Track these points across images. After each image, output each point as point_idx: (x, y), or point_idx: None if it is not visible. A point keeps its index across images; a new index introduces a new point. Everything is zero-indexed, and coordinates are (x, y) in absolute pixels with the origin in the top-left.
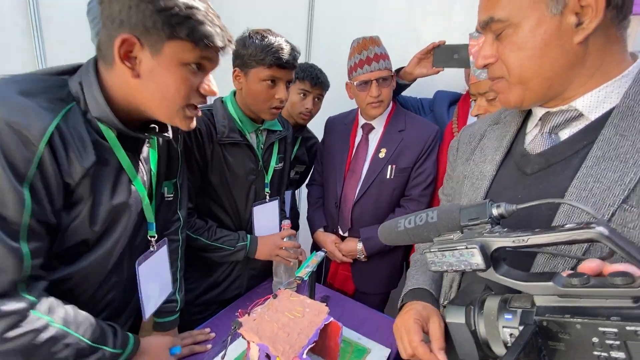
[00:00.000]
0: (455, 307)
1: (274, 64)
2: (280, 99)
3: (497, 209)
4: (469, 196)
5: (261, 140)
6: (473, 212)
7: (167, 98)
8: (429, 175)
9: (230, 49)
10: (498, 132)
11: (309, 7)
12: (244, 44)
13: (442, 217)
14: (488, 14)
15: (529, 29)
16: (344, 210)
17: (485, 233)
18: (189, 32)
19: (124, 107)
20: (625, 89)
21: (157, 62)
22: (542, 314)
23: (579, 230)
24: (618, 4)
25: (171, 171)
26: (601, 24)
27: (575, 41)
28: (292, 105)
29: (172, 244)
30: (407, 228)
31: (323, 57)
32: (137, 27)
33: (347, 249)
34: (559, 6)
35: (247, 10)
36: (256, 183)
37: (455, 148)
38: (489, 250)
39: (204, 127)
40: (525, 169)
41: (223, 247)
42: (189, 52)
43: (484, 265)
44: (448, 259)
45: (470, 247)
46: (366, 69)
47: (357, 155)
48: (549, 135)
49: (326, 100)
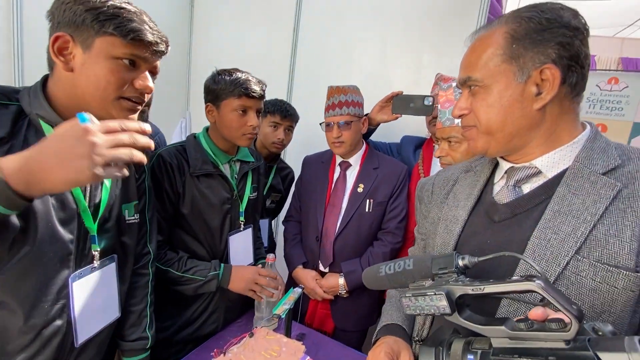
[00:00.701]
0: (427, 348)
1: (244, 94)
2: (252, 125)
3: (462, 260)
4: (443, 237)
5: (235, 170)
6: (442, 262)
7: (99, 89)
8: (402, 210)
9: (164, 49)
10: (470, 179)
11: (291, 52)
12: (214, 80)
13: (417, 265)
14: (466, 74)
15: (498, 91)
16: (325, 244)
17: (451, 281)
18: (116, 27)
19: (69, 107)
20: (576, 153)
21: (88, 56)
22: (497, 354)
23: (521, 283)
24: (572, 82)
25: (129, 194)
26: (557, 97)
27: (535, 107)
28: (265, 136)
29: (142, 278)
30: (387, 274)
31: (303, 99)
32: (69, 25)
33: (329, 284)
34: (523, 76)
35: (233, 54)
36: (231, 212)
37: (430, 191)
38: (454, 297)
39: (175, 161)
40: (494, 217)
41: (194, 278)
42: (119, 47)
43: (449, 310)
44: (420, 303)
45: (438, 294)
46: (330, 113)
47: (336, 190)
48: (513, 188)
49: (305, 137)
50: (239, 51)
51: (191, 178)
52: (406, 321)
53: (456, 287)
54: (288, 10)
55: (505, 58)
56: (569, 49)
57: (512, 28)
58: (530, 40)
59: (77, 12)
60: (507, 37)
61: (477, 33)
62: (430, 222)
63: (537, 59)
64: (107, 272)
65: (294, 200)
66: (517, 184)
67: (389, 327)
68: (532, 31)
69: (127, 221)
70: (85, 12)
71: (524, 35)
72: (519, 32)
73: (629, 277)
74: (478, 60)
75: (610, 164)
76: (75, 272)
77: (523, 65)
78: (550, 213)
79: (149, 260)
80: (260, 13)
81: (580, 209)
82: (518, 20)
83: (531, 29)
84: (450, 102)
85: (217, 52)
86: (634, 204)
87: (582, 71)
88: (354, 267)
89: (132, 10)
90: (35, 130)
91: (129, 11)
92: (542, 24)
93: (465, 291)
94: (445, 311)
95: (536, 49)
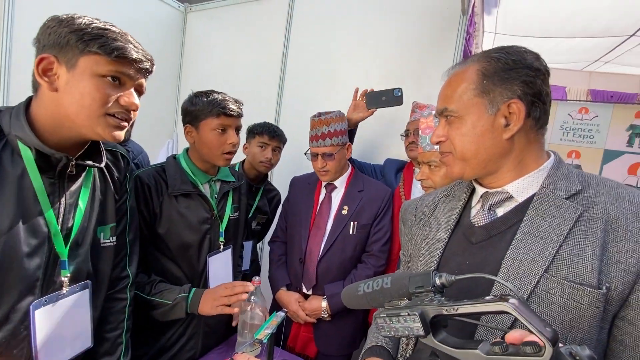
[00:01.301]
0: None
1: (222, 113)
2: (232, 143)
3: (439, 279)
4: (425, 259)
5: (215, 190)
6: (419, 281)
7: (84, 106)
8: (386, 232)
9: (149, 67)
10: (449, 203)
11: (280, 77)
12: (192, 102)
13: (395, 283)
14: (443, 105)
15: (471, 122)
16: (309, 266)
17: (426, 300)
18: (100, 46)
19: (52, 127)
20: (542, 179)
21: (72, 75)
22: None
23: (494, 303)
24: (536, 116)
25: (106, 216)
26: (523, 128)
27: (504, 137)
28: (253, 156)
29: (118, 303)
30: (365, 292)
31: (291, 122)
32: (54, 46)
33: (311, 307)
34: (493, 109)
35: (223, 78)
36: (211, 232)
37: (414, 214)
38: (428, 317)
39: (152, 182)
40: (471, 239)
41: (161, 302)
42: (103, 65)
43: (423, 331)
44: (394, 324)
45: (411, 314)
46: (314, 144)
47: (321, 212)
48: (488, 211)
49: (292, 159)
50: (228, 75)
51: (169, 198)
52: (390, 343)
53: (430, 307)
54: (277, 37)
55: (477, 92)
56: (532, 87)
57: (483, 66)
58: (499, 77)
59: (62, 33)
60: (479, 74)
61: (453, 69)
62: (414, 244)
63: (505, 94)
64: (79, 299)
65: (280, 221)
66: (491, 207)
67: (373, 349)
68: (500, 70)
69: (102, 244)
70: (69, 34)
71: (493, 73)
72: (489, 70)
73: (593, 293)
74: (454, 93)
75: (572, 189)
76: (40, 300)
77: (493, 99)
78: (521, 235)
79: (127, 284)
80: (250, 39)
81: (547, 231)
82: (488, 59)
83: (499, 68)
84: (430, 128)
85: (206, 76)
86: (593, 225)
87: (544, 107)
88: (337, 289)
89: (117, 30)
90: (11, 150)
91: (113, 31)
92: (508, 64)
93: (439, 311)
94: (418, 333)
95: (504, 86)
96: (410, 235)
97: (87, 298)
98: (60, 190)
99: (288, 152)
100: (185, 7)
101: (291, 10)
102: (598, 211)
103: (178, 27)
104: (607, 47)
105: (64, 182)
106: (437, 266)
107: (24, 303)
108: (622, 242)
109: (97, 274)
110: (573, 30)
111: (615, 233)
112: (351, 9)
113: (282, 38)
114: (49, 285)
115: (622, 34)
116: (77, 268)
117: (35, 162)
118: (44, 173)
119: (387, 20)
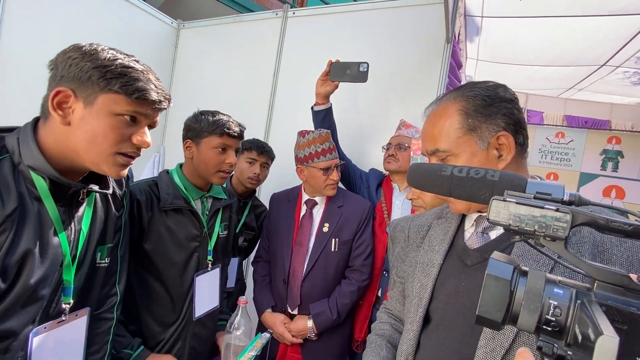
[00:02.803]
0: (503, 264)
1: (225, 134)
2: (230, 163)
3: (569, 196)
4: (421, 280)
5: (206, 206)
6: (546, 187)
7: (94, 143)
8: (367, 246)
9: (166, 106)
10: (442, 225)
11: (270, 97)
12: (196, 119)
13: (505, 179)
14: (434, 146)
15: (466, 158)
16: (292, 286)
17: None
18: (121, 86)
19: (58, 157)
20: None
21: (88, 111)
22: (604, 300)
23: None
24: (521, 142)
25: (106, 236)
26: (513, 156)
27: (499, 167)
28: (241, 172)
29: (104, 323)
30: (454, 175)
31: (280, 140)
32: (73, 80)
33: (297, 328)
34: (484, 144)
35: (213, 95)
36: (199, 250)
37: (406, 235)
38: (574, 223)
39: (143, 197)
40: (466, 261)
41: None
42: (122, 105)
43: (566, 232)
44: (521, 212)
45: (562, 211)
46: (329, 157)
47: (302, 229)
48: (482, 234)
49: (281, 176)
50: (219, 92)
51: (160, 213)
52: None
53: (582, 211)
54: (269, 57)
55: (465, 131)
56: (512, 117)
57: (463, 106)
58: (481, 114)
59: (84, 68)
60: (462, 113)
61: (429, 108)
62: (408, 265)
63: (491, 128)
64: (77, 324)
65: (262, 240)
66: (484, 230)
67: None
68: (480, 107)
69: (97, 264)
70: (92, 69)
71: (475, 112)
72: (469, 109)
73: None
74: (441, 133)
75: None
76: (39, 327)
77: (481, 135)
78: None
79: (115, 303)
80: (242, 58)
81: (539, 254)
82: (465, 98)
83: (478, 105)
84: (421, 150)
85: (197, 92)
86: (582, 248)
87: (525, 132)
88: (322, 308)
89: (139, 69)
90: (23, 180)
91: (136, 70)
92: (486, 101)
93: (596, 220)
94: (557, 233)
95: (489, 121)
96: (404, 257)
97: (85, 324)
98: (70, 216)
99: (277, 169)
100: (179, 24)
101: (283, 32)
102: (585, 235)
103: (170, 43)
104: (580, 75)
105: (72, 209)
106: (433, 287)
107: (26, 330)
108: (609, 265)
109: (89, 294)
110: (548, 59)
111: (601, 257)
112: (341, 34)
113: (274, 58)
114: (50, 311)
115: (593, 63)
116: (75, 291)
117: (49, 192)
118: (57, 201)
119: (375, 45)
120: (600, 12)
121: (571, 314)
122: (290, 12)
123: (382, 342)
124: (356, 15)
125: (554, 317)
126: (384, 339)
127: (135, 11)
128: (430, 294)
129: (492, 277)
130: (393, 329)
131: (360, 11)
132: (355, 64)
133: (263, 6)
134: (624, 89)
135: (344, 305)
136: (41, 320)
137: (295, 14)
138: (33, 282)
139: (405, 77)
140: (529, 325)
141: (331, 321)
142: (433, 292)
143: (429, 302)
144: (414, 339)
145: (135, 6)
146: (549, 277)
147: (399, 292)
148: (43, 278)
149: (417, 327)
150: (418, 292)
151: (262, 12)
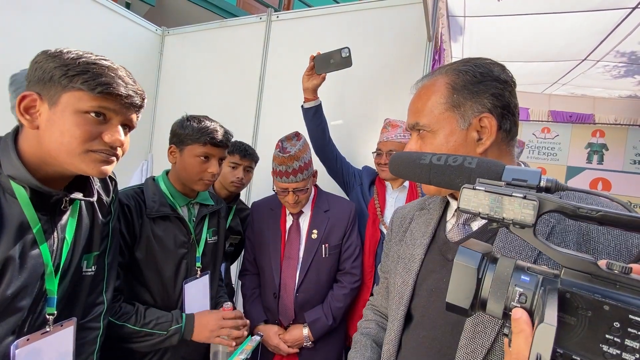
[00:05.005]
0: (471, 252)
1: (209, 143)
2: (212, 173)
3: (545, 182)
4: (402, 276)
5: (193, 213)
6: (522, 174)
7: (64, 144)
8: (356, 247)
9: (139, 102)
10: (424, 217)
11: (256, 103)
12: (182, 125)
13: (482, 166)
14: (415, 120)
15: (444, 136)
16: (285, 301)
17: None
18: (83, 82)
19: (38, 163)
20: None
21: (53, 112)
22: (569, 286)
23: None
24: (507, 128)
25: (92, 244)
26: (495, 141)
27: (477, 151)
28: (224, 176)
29: (90, 333)
30: (433, 164)
31: (267, 142)
32: (38, 83)
33: (293, 338)
34: (465, 124)
35: (199, 102)
36: (187, 257)
37: (390, 229)
38: (541, 210)
39: (132, 203)
40: (447, 255)
41: (154, 333)
42: (86, 101)
43: (533, 220)
44: (489, 202)
45: (529, 198)
46: (285, 180)
47: (290, 240)
48: (463, 226)
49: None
50: (205, 98)
51: (147, 220)
52: None
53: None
54: (254, 61)
55: (448, 107)
56: (501, 99)
57: (452, 79)
58: (468, 91)
59: (47, 69)
60: (449, 88)
61: (421, 81)
62: (391, 259)
63: (475, 108)
64: (63, 335)
65: (246, 253)
66: (466, 222)
67: None
68: (469, 83)
69: (83, 273)
70: (54, 69)
71: (462, 87)
72: (458, 83)
73: None
74: (424, 107)
75: None
76: (21, 339)
77: (464, 113)
78: (496, 250)
79: (102, 312)
80: (227, 63)
81: (522, 245)
82: (456, 73)
83: (468, 81)
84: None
85: (183, 98)
86: (566, 238)
87: (514, 119)
88: (317, 315)
89: (105, 65)
90: (2, 190)
91: (100, 66)
92: (476, 77)
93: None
94: (524, 221)
95: (474, 99)
96: (387, 251)
97: (72, 335)
98: (53, 225)
99: (265, 173)
100: (163, 31)
101: (267, 35)
102: (570, 223)
103: (155, 50)
104: (562, 70)
105: (55, 217)
106: (414, 283)
107: (5, 342)
108: (595, 255)
109: (74, 304)
110: (531, 55)
111: (587, 245)
112: (325, 36)
113: (259, 62)
114: (33, 322)
115: (574, 58)
116: (59, 301)
117: (30, 201)
118: (38, 210)
119: (360, 45)
120: (578, 9)
121: (536, 300)
122: (274, 16)
123: (367, 342)
124: (339, 17)
125: (519, 303)
126: (369, 339)
127: (120, 20)
128: (411, 291)
129: (459, 264)
130: (379, 327)
131: (342, 13)
132: (337, 52)
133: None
134: (605, 83)
135: (339, 309)
136: (22, 332)
137: (279, 17)
138: (10, 293)
139: (389, 76)
140: (496, 311)
141: (327, 327)
142: (415, 288)
143: (411, 299)
144: (396, 339)
145: (120, 15)
146: (519, 264)
147: (384, 288)
148: (21, 288)
149: (399, 326)
150: (400, 289)
151: (246, 17)
